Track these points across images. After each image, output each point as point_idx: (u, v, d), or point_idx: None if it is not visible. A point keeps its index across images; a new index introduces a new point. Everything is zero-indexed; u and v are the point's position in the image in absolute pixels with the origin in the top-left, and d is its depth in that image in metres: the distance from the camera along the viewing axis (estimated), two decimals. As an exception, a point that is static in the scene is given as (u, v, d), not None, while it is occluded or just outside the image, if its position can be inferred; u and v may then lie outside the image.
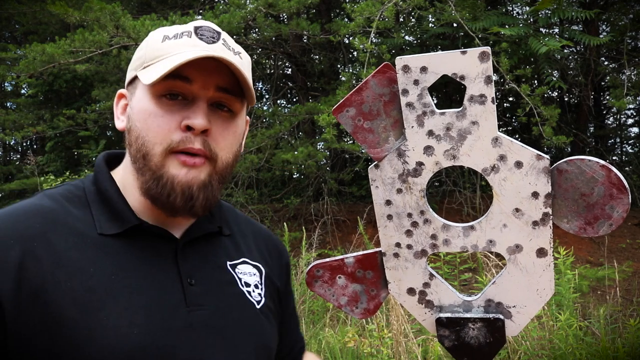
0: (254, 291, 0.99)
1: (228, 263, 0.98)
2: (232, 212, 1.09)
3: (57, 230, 0.82)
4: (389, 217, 1.07)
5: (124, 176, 0.92)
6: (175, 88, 0.86)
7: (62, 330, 0.76)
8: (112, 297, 0.80)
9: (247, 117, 1.03)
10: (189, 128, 0.85)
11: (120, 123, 0.94)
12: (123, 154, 0.96)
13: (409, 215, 1.05)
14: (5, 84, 13.34)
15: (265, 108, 9.80)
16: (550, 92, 9.47)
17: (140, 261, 0.86)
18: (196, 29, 0.88)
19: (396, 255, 1.09)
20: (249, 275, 1.00)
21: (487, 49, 0.92)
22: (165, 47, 0.87)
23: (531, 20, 7.42)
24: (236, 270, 0.98)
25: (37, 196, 0.89)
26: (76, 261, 0.81)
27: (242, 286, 0.97)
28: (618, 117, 11.85)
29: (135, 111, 0.89)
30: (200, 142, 0.85)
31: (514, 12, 10.35)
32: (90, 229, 0.85)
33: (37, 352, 0.75)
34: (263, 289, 1.01)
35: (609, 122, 11.99)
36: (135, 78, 0.90)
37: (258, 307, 0.98)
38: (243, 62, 0.90)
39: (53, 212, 0.84)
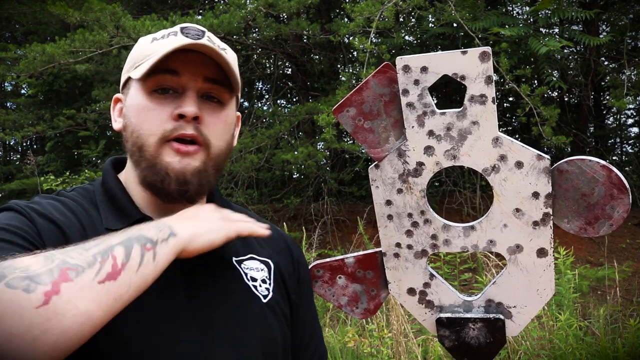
0: (260, 286, 1.00)
1: (234, 259, 1.00)
2: (243, 212, 1.11)
3: (71, 226, 0.87)
4: (390, 217, 1.07)
5: (127, 175, 0.97)
6: (164, 82, 0.91)
7: None
8: None
9: (238, 113, 1.07)
10: (180, 116, 0.89)
11: (117, 125, 0.99)
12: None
13: (410, 215, 1.05)
14: (5, 84, 13.34)
15: (265, 108, 9.80)
16: (550, 92, 9.46)
17: None
18: (182, 28, 0.94)
19: (396, 255, 1.09)
20: (255, 270, 1.02)
21: (488, 49, 0.92)
22: (153, 47, 0.93)
23: (531, 20, 7.42)
24: (242, 265, 1.01)
25: (51, 196, 0.94)
26: None
27: (248, 281, 0.99)
28: (618, 117, 11.85)
29: (129, 108, 0.94)
30: (193, 128, 0.90)
31: (514, 12, 10.35)
32: (99, 224, 0.90)
33: None
34: (272, 284, 1.03)
35: (609, 122, 11.99)
36: (128, 79, 0.96)
37: (264, 301, 0.99)
38: (228, 56, 0.95)
39: (67, 210, 0.90)
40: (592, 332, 3.63)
